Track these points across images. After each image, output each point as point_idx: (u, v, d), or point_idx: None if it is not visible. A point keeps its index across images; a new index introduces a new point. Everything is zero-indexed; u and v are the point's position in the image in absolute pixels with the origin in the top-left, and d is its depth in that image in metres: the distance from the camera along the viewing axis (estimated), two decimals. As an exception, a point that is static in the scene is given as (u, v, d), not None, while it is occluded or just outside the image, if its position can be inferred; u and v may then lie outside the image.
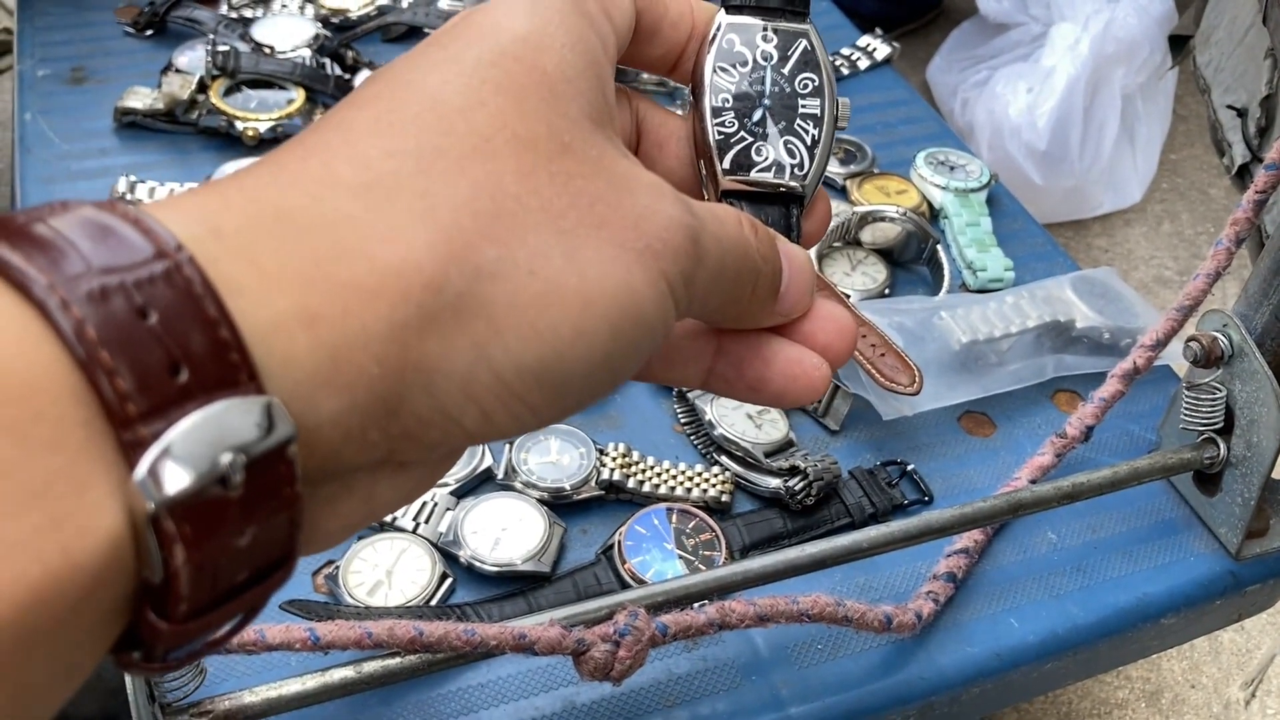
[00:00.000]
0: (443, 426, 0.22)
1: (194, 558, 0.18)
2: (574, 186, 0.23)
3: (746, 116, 0.29)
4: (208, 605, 0.19)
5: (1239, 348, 0.56)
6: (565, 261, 0.22)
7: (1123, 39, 1.24)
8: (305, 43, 0.85)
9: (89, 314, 0.17)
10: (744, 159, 0.30)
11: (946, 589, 0.55)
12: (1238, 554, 0.60)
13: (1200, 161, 1.45)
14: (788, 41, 0.30)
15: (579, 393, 0.23)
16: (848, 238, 0.77)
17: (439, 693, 0.50)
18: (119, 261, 0.18)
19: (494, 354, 0.21)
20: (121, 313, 0.17)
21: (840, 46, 0.98)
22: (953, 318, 0.68)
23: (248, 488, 0.18)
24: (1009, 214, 0.82)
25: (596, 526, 0.59)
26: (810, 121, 0.30)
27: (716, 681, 0.52)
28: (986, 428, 0.67)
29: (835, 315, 0.29)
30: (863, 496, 0.61)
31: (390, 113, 0.22)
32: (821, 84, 0.30)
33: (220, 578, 0.18)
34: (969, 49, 1.43)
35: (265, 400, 0.18)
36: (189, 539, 0.17)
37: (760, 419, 0.63)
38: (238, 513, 0.18)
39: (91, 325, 0.17)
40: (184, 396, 0.17)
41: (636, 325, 0.23)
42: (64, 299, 0.17)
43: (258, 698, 0.42)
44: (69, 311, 0.17)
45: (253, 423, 0.18)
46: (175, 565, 0.17)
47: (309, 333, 0.19)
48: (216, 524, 0.18)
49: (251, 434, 0.18)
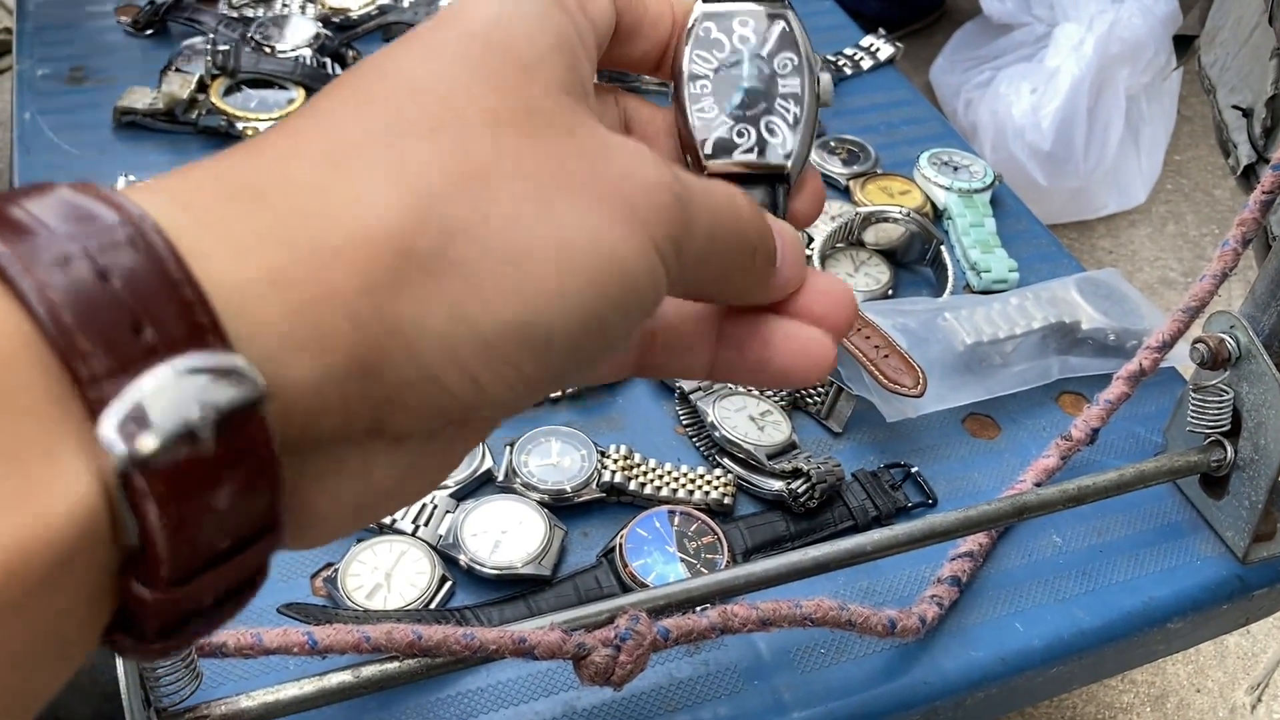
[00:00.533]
0: (425, 389, 0.21)
1: (169, 516, 0.17)
2: (548, 147, 0.23)
3: (725, 100, 0.29)
4: (191, 571, 0.18)
5: (1246, 350, 0.56)
6: (540, 219, 0.22)
7: (1127, 39, 1.24)
8: (306, 42, 0.85)
9: (50, 278, 0.17)
10: (726, 143, 0.29)
11: (951, 593, 0.55)
12: (1245, 558, 0.59)
13: (1205, 162, 1.45)
14: (765, 25, 0.30)
15: (566, 356, 0.23)
16: (851, 238, 0.76)
17: (438, 697, 0.50)
18: (82, 229, 0.18)
19: (471, 312, 0.21)
20: (83, 276, 0.17)
21: (843, 46, 0.97)
22: (957, 319, 0.68)
23: (221, 446, 0.18)
24: (1013, 215, 0.82)
25: (597, 529, 0.58)
26: (791, 100, 0.30)
27: (718, 686, 0.52)
28: (991, 430, 0.66)
29: (830, 287, 0.28)
30: (866, 499, 0.60)
31: (362, 94, 0.23)
32: (801, 63, 0.30)
33: (201, 542, 0.18)
34: (972, 49, 1.43)
35: (232, 357, 0.18)
36: (161, 496, 0.17)
37: (763, 421, 0.63)
38: (211, 472, 0.18)
39: (53, 290, 0.17)
40: (148, 355, 0.17)
41: (622, 286, 0.23)
42: (27, 266, 0.17)
43: (254, 702, 0.42)
44: (32, 276, 0.17)
45: (221, 380, 0.18)
46: (150, 524, 0.17)
47: (279, 295, 0.19)
48: (189, 483, 0.18)
49: (220, 391, 0.18)
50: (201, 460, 0.18)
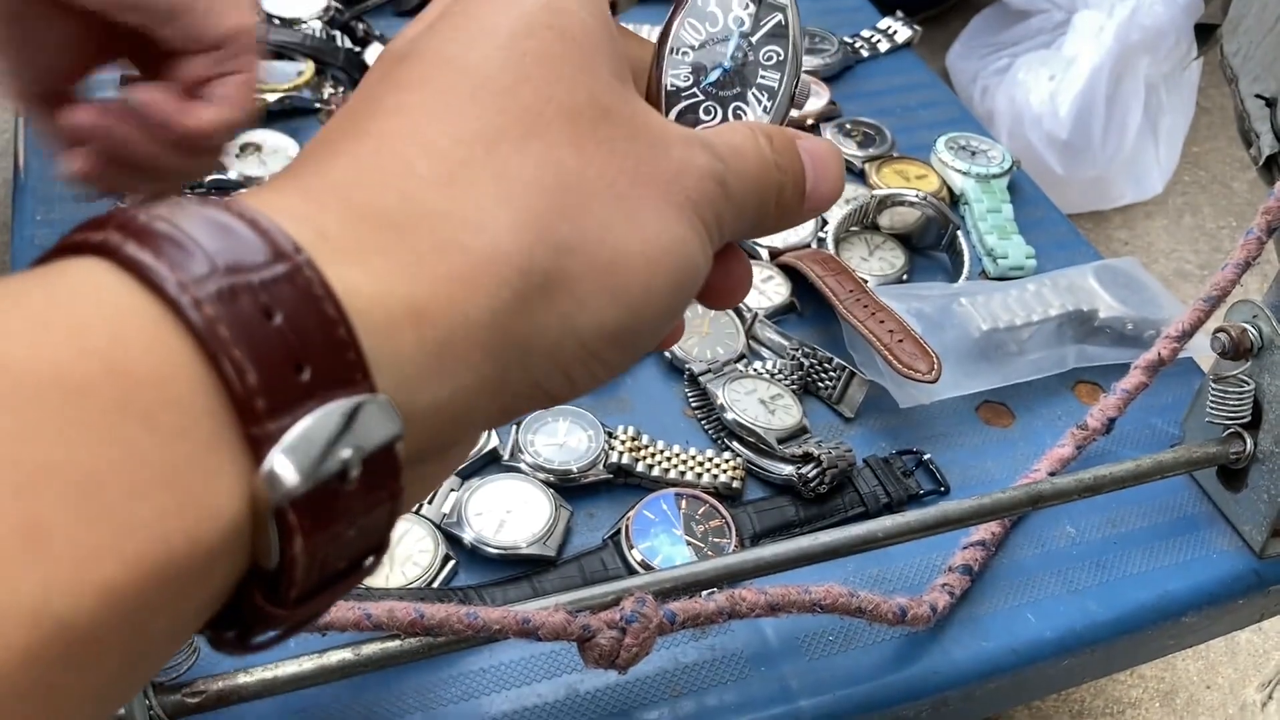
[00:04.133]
0: (532, 396, 0.23)
1: (310, 547, 0.19)
2: (620, 150, 0.24)
3: (703, 75, 0.29)
4: (313, 591, 0.20)
5: (1269, 340, 0.55)
6: (627, 225, 0.24)
7: (1148, 27, 1.22)
8: (316, 14, 0.84)
9: (219, 313, 0.18)
10: (690, 115, 0.29)
11: (962, 582, 0.54)
12: (1262, 552, 0.58)
13: (1223, 154, 1.43)
14: (764, 13, 0.30)
15: (645, 345, 0.25)
16: (866, 222, 0.75)
17: (439, 677, 0.49)
18: (242, 261, 0.18)
19: (578, 323, 0.23)
20: (249, 312, 0.18)
21: (860, 28, 0.96)
22: (973, 305, 0.67)
23: (360, 483, 0.19)
24: (1031, 201, 0.81)
25: (604, 510, 0.57)
26: (765, 93, 0.30)
27: (724, 672, 0.51)
28: (1005, 418, 0.65)
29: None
30: (877, 486, 0.60)
31: (442, 94, 0.23)
32: (785, 59, 0.30)
33: (326, 566, 0.20)
34: (990, 35, 1.41)
35: (381, 398, 0.19)
36: (307, 530, 0.18)
37: (773, 404, 0.62)
38: (350, 505, 0.19)
39: (223, 324, 0.18)
40: (306, 395, 0.18)
41: (692, 273, 0.25)
42: (196, 298, 0.18)
43: (252, 679, 0.41)
44: (201, 310, 0.18)
45: (369, 420, 0.19)
46: (293, 554, 0.19)
47: (416, 330, 0.20)
48: (332, 516, 0.19)
49: (368, 432, 0.19)
50: (344, 495, 0.19)
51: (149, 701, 0.40)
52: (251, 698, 0.41)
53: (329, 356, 0.19)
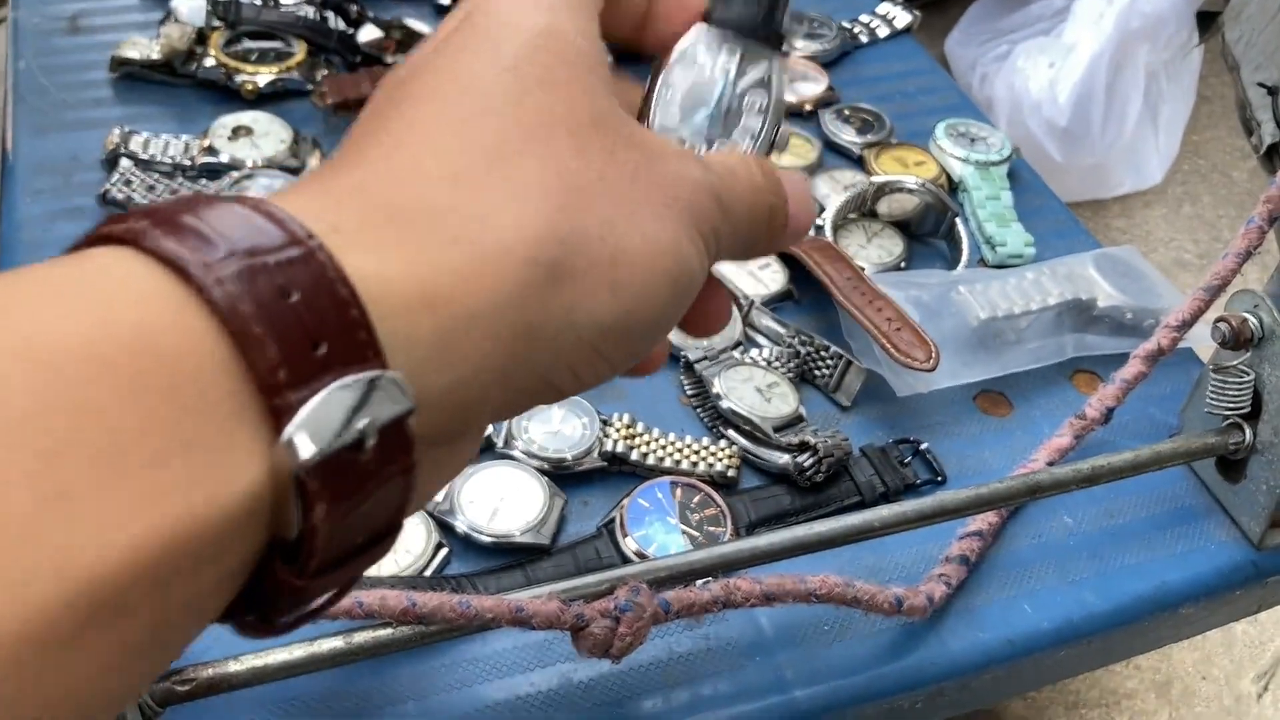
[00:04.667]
0: (537, 389, 0.25)
1: (331, 515, 0.20)
2: (619, 158, 0.26)
3: (690, 114, 0.31)
4: (333, 564, 0.20)
5: (1270, 330, 0.54)
6: (627, 226, 0.25)
7: (1149, 14, 1.21)
8: (309, -5, 0.83)
9: (240, 291, 0.19)
10: None
11: (959, 572, 0.54)
12: (1260, 543, 0.58)
13: (1223, 143, 1.43)
14: (750, 62, 0.32)
15: (643, 343, 0.26)
16: (864, 209, 0.75)
17: (431, 666, 0.49)
18: (259, 245, 0.20)
19: (579, 317, 0.24)
20: (267, 291, 0.19)
21: (859, 13, 0.95)
22: (971, 293, 0.66)
23: (376, 454, 0.20)
24: (1030, 189, 0.80)
25: (598, 499, 0.57)
26: (748, 135, 0.32)
27: (719, 661, 0.50)
28: (1003, 407, 0.65)
29: None
30: (874, 475, 0.59)
31: (453, 108, 0.25)
32: (767, 105, 0.32)
33: (344, 539, 0.20)
34: (989, 22, 1.40)
35: (394, 374, 0.20)
36: (326, 498, 0.19)
37: (769, 393, 0.61)
38: (368, 476, 0.20)
39: (244, 302, 0.19)
40: (323, 369, 0.19)
41: (689, 278, 0.26)
42: (218, 277, 0.19)
43: (243, 666, 0.40)
44: (224, 288, 0.19)
45: (383, 394, 0.20)
46: (315, 521, 0.19)
47: (429, 314, 0.21)
48: (350, 487, 0.20)
49: (382, 405, 0.20)
50: (363, 466, 0.20)
51: (136, 690, 0.39)
52: (242, 686, 0.40)
53: (343, 335, 0.20)
